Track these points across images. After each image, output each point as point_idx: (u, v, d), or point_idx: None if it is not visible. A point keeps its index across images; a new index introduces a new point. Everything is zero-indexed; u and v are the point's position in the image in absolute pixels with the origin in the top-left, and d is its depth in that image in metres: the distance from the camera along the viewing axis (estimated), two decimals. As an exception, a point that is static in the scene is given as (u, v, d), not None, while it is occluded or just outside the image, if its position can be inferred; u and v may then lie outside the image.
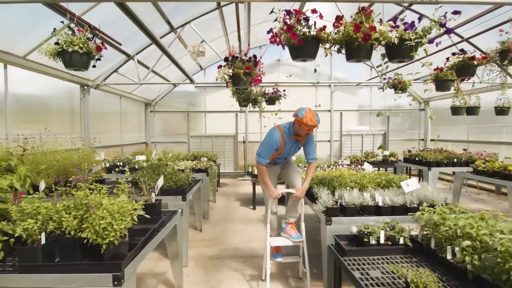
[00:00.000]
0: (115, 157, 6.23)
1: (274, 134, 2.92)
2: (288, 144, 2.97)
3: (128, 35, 5.65)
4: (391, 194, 2.69)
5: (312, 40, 2.22)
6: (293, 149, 3.08)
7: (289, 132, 2.94)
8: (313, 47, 2.26)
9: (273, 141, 2.89)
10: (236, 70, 3.38)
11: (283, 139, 2.91)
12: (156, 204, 2.47)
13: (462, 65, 3.67)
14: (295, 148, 3.09)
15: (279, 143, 2.91)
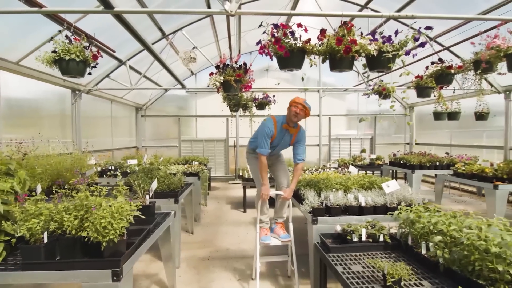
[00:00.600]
0: (106, 161, 6.27)
1: (267, 121, 3.08)
2: (280, 133, 3.08)
3: (120, 41, 5.74)
4: (373, 195, 2.86)
5: (298, 51, 2.38)
6: (282, 142, 3.15)
7: (281, 121, 3.09)
8: (299, 58, 2.42)
9: (266, 127, 3.02)
10: (227, 77, 3.53)
11: (275, 126, 3.04)
12: (151, 206, 2.58)
13: (440, 74, 3.91)
14: (285, 142, 3.15)
15: (272, 128, 3.03)
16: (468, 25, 5.78)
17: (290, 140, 3.17)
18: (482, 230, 1.79)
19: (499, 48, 2.88)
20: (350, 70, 2.47)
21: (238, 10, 2.46)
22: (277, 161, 3.36)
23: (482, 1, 5.34)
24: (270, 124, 3.05)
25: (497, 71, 3.29)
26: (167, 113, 10.09)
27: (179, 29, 6.16)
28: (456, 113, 6.44)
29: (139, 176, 3.74)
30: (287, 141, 3.16)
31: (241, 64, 3.67)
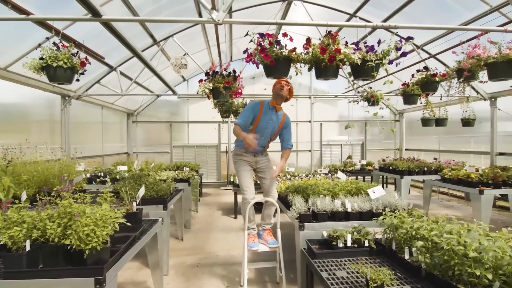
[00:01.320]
0: (96, 167, 6.22)
1: (253, 102, 3.16)
2: (267, 112, 3.10)
3: (111, 47, 5.74)
4: (360, 201, 2.90)
5: (284, 60, 2.43)
6: (271, 123, 3.13)
7: (268, 100, 3.16)
8: (285, 66, 2.47)
9: (252, 104, 3.09)
10: (216, 84, 3.56)
11: (262, 105, 3.08)
12: (137, 213, 2.57)
13: (426, 81, 4.01)
14: (273, 122, 3.14)
15: (257, 108, 3.07)
16: (454, 34, 5.94)
17: (279, 122, 3.18)
18: (462, 236, 1.84)
19: (479, 57, 2.97)
20: (335, 78, 2.52)
21: (225, 19, 2.50)
22: (267, 169, 3.34)
23: (467, 11, 5.51)
24: (255, 103, 3.16)
25: (479, 79, 3.39)
26: (159, 118, 10.07)
27: (170, 36, 6.20)
28: (443, 120, 6.57)
29: (127, 183, 3.72)
30: (275, 121, 3.15)
31: (230, 72, 3.71)
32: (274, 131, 3.21)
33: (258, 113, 3.09)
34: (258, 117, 3.10)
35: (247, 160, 3.23)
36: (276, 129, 3.21)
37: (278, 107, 3.14)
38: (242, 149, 3.21)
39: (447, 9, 5.71)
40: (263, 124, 3.11)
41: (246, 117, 3.05)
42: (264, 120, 3.10)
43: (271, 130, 3.18)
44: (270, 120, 3.12)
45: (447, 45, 6.32)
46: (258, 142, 3.16)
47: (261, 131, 3.13)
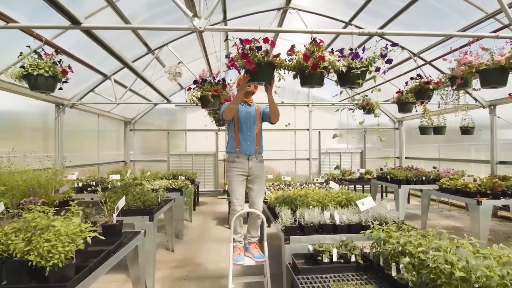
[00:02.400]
0: (88, 176, 6.15)
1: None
2: (240, 109, 3.16)
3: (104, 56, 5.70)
4: (349, 212, 2.80)
5: (266, 65, 2.36)
6: (248, 116, 3.18)
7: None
8: (268, 72, 2.40)
9: (225, 104, 3.15)
10: (205, 93, 3.50)
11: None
12: (116, 225, 2.48)
13: (419, 89, 3.93)
14: (251, 114, 3.20)
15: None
16: (450, 40, 5.88)
17: (255, 110, 3.25)
18: (449, 252, 1.73)
19: (471, 64, 2.89)
20: (320, 86, 2.44)
21: (208, 27, 2.44)
22: (257, 179, 3.23)
23: (462, 18, 5.46)
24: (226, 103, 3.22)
25: (472, 87, 3.30)
26: (156, 127, 10.03)
27: (165, 44, 6.19)
28: (442, 128, 6.45)
29: (112, 193, 3.65)
30: (252, 111, 3.22)
31: (219, 80, 3.65)
32: (255, 120, 3.25)
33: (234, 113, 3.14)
34: (235, 116, 3.13)
35: (241, 168, 3.15)
36: (256, 117, 3.25)
37: (249, 100, 3.22)
38: (234, 153, 3.16)
39: (442, 16, 5.66)
40: (242, 117, 3.17)
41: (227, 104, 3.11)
42: (242, 114, 3.16)
43: (252, 120, 3.22)
44: (247, 113, 3.19)
45: (443, 51, 6.26)
46: (247, 138, 3.17)
47: (244, 125, 3.17)
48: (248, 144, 3.16)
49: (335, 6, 6.46)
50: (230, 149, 3.21)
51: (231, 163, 3.18)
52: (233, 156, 3.15)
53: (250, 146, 3.16)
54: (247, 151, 3.15)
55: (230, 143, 3.23)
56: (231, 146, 3.20)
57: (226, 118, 3.03)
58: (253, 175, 3.19)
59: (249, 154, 3.15)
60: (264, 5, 6.52)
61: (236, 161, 3.14)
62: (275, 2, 6.53)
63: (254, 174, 3.20)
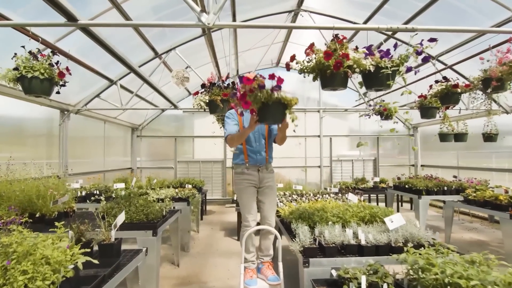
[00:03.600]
0: (92, 184, 5.95)
1: (228, 111, 2.97)
2: (247, 117, 2.86)
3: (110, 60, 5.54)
4: (375, 231, 2.48)
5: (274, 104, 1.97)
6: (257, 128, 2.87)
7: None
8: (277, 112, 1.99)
9: (228, 114, 2.90)
10: (213, 97, 3.25)
11: (237, 111, 2.80)
12: (114, 244, 2.21)
13: (446, 93, 3.61)
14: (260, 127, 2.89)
15: (234, 114, 2.86)
16: (471, 43, 5.56)
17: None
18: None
19: (513, 64, 2.59)
20: (344, 88, 2.16)
21: (217, 23, 2.20)
22: (269, 192, 2.96)
23: (486, 19, 5.13)
24: (229, 111, 2.95)
25: (510, 89, 2.98)
26: (164, 133, 9.85)
27: (173, 49, 6.00)
28: (463, 135, 6.08)
29: (108, 206, 3.40)
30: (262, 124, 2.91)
31: (229, 83, 3.40)
32: (264, 128, 2.96)
33: (238, 119, 2.87)
34: (240, 123, 2.86)
35: (250, 180, 2.90)
36: (264, 126, 2.95)
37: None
38: (243, 165, 2.91)
39: (465, 17, 5.34)
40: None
41: (233, 125, 2.83)
42: (247, 121, 2.87)
43: (260, 130, 2.93)
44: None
45: (464, 55, 5.92)
46: (256, 149, 2.90)
47: (251, 136, 2.89)
48: (257, 156, 2.91)
49: (348, 8, 6.21)
50: (239, 161, 2.97)
51: (240, 175, 2.94)
52: (242, 167, 2.92)
53: (259, 157, 2.92)
54: (257, 163, 2.90)
55: (237, 156, 2.98)
56: (240, 158, 2.95)
57: (231, 147, 2.81)
58: (264, 186, 2.93)
59: (259, 165, 2.92)
60: (276, 7, 6.31)
61: (246, 172, 2.91)
62: (286, 4, 6.31)
63: (265, 185, 2.94)
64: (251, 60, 8.81)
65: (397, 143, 9.61)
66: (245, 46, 7.68)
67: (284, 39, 8.07)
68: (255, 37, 7.45)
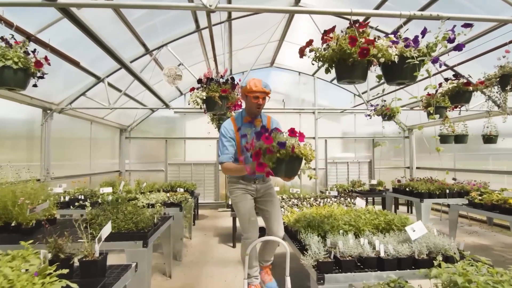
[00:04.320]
0: (77, 189, 5.55)
1: (224, 123, 2.54)
2: (244, 130, 2.50)
3: (97, 56, 5.20)
4: (393, 240, 2.23)
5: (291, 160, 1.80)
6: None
7: (241, 115, 2.55)
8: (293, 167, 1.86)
9: (223, 130, 2.49)
10: (211, 93, 2.96)
11: (234, 124, 2.49)
12: (98, 260, 1.90)
13: (457, 91, 3.42)
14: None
15: (230, 130, 2.48)
16: (474, 43, 5.43)
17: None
18: None
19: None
20: (363, 80, 1.92)
21: (219, 5, 1.93)
22: (270, 198, 2.68)
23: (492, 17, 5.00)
24: (227, 123, 2.53)
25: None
26: (154, 134, 9.46)
27: (164, 45, 5.68)
28: (464, 136, 5.96)
29: (97, 211, 3.08)
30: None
31: (227, 79, 3.12)
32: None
33: (235, 135, 2.50)
34: (237, 139, 2.50)
35: (247, 189, 2.64)
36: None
37: (257, 121, 2.55)
38: (238, 176, 2.62)
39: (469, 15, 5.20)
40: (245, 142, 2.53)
41: (228, 148, 2.46)
42: (246, 139, 2.51)
43: None
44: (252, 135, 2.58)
45: (467, 55, 5.80)
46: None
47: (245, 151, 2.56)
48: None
49: (348, 5, 6.01)
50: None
51: (235, 184, 2.65)
52: (238, 178, 2.62)
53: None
54: (253, 176, 2.59)
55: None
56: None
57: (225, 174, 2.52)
58: (264, 195, 2.67)
59: (255, 178, 2.62)
60: (273, 3, 6.06)
61: (242, 182, 2.62)
62: (284, 1, 6.08)
63: (265, 193, 2.68)
64: (245, 59, 8.55)
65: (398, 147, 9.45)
66: (239, 45, 7.41)
67: (279, 37, 7.83)
68: (250, 35, 7.19)
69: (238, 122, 2.51)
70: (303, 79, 9.80)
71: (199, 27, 5.71)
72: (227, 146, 2.44)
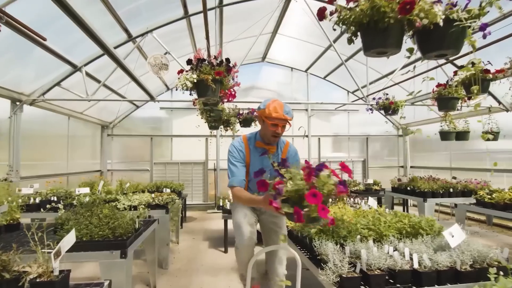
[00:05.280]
0: (50, 189, 4.99)
1: (234, 142, 2.13)
2: (255, 153, 2.11)
3: (75, 41, 4.69)
4: (427, 248, 1.85)
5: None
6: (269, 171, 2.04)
7: (254, 138, 2.16)
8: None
9: (234, 149, 2.08)
10: (203, 76, 2.52)
11: (246, 145, 2.09)
12: (56, 282, 1.43)
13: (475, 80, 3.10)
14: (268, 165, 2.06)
15: (242, 149, 2.09)
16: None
17: (279, 159, 2.19)
18: None
19: None
20: (397, 50, 1.54)
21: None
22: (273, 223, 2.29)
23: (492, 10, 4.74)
24: (237, 143, 2.12)
25: None
26: (138, 132, 8.90)
27: (149, 31, 5.18)
28: (465, 133, 5.71)
29: (67, 215, 2.60)
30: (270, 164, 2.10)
31: (221, 60, 2.69)
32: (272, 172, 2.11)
33: (246, 158, 2.10)
34: (247, 161, 2.09)
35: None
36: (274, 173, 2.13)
37: (271, 148, 2.12)
38: None
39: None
40: (254, 166, 2.11)
41: (240, 169, 2.05)
42: (254, 161, 2.11)
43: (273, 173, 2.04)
44: (266, 167, 2.03)
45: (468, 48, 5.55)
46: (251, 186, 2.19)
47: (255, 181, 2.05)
48: (260, 194, 2.07)
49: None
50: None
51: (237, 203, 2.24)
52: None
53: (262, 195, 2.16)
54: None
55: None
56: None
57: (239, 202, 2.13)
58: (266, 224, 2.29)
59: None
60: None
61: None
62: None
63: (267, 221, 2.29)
64: (236, 53, 8.10)
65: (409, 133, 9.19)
66: (230, 37, 6.98)
67: (272, 30, 7.45)
68: (241, 26, 6.78)
69: (250, 143, 2.11)
70: (296, 75, 9.46)
71: (187, 13, 5.26)
72: (239, 167, 2.04)
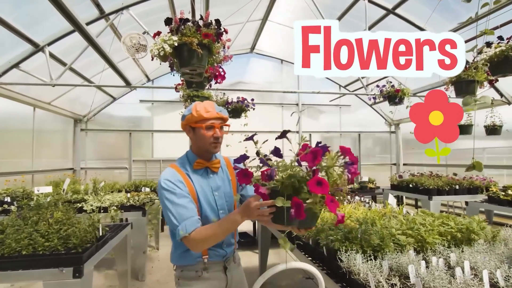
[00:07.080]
0: (5, 189, 4.27)
1: (164, 176, 1.45)
2: (198, 179, 1.50)
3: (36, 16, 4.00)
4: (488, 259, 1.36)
5: None
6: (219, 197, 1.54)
7: (187, 160, 1.53)
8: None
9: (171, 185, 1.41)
10: (186, 39, 1.94)
11: (182, 173, 1.47)
12: None
13: (504, 57, 2.68)
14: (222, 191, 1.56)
15: (180, 179, 1.45)
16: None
17: (227, 180, 1.60)
18: None
19: None
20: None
21: None
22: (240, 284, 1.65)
23: None
24: (168, 174, 1.45)
25: None
26: (115, 127, 8.14)
27: (125, 7, 4.54)
28: (469, 126, 5.38)
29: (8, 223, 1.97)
30: (221, 185, 1.56)
31: (210, 21, 2.12)
32: (231, 191, 1.59)
33: (188, 186, 1.47)
34: (192, 193, 1.47)
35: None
36: (231, 187, 1.60)
37: (214, 164, 1.55)
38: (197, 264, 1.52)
39: None
40: (206, 199, 1.51)
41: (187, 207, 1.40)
42: (204, 194, 1.50)
43: (225, 196, 1.56)
44: (214, 191, 1.54)
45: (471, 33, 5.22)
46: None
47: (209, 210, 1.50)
48: (224, 246, 1.56)
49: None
50: (190, 261, 1.53)
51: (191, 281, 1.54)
52: (197, 268, 1.52)
53: (228, 248, 1.58)
54: (223, 257, 1.56)
55: (183, 251, 1.53)
56: (189, 255, 1.51)
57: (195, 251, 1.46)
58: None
59: (227, 258, 1.58)
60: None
61: (204, 277, 1.52)
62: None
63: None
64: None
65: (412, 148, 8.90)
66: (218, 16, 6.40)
67: (263, 16, 6.90)
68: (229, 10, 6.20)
69: (186, 169, 1.49)
70: (286, 68, 8.96)
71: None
72: (186, 205, 1.38)
